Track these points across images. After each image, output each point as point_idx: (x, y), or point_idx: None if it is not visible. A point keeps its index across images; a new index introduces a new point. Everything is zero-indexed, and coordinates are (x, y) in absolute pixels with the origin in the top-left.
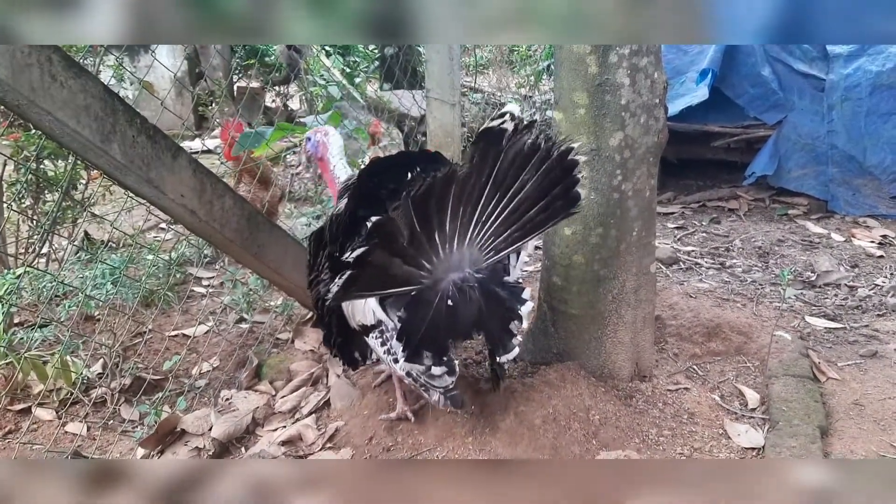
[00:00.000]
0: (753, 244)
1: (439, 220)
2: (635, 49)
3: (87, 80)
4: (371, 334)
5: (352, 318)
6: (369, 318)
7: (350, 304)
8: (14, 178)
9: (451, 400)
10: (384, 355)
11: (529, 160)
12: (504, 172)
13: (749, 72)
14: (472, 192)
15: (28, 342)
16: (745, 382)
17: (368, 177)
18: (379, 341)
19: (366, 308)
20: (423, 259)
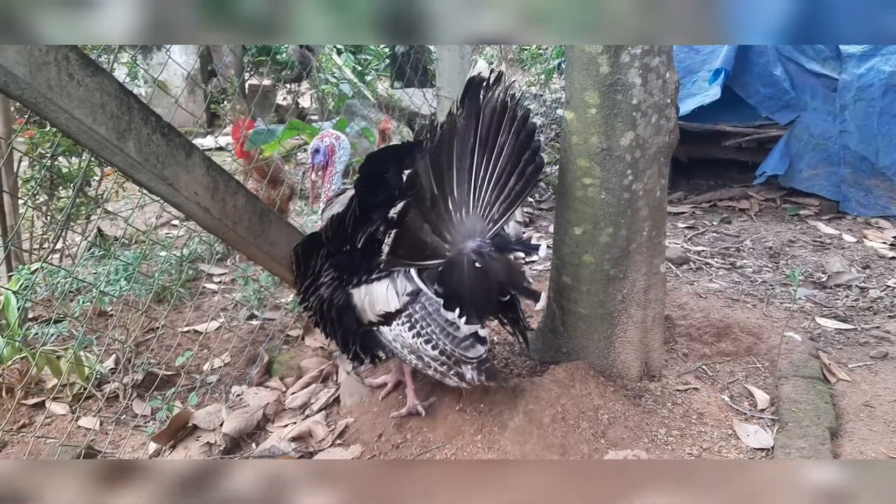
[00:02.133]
0: (764, 244)
1: (449, 180)
2: (647, 49)
3: (103, 78)
4: (394, 322)
5: (369, 310)
6: (392, 304)
7: (367, 296)
8: (29, 175)
9: (486, 372)
10: (413, 340)
11: (503, 119)
12: (486, 131)
13: (761, 71)
14: (465, 151)
15: (42, 337)
16: (754, 383)
17: (370, 171)
18: (406, 326)
19: (388, 294)
20: (444, 229)
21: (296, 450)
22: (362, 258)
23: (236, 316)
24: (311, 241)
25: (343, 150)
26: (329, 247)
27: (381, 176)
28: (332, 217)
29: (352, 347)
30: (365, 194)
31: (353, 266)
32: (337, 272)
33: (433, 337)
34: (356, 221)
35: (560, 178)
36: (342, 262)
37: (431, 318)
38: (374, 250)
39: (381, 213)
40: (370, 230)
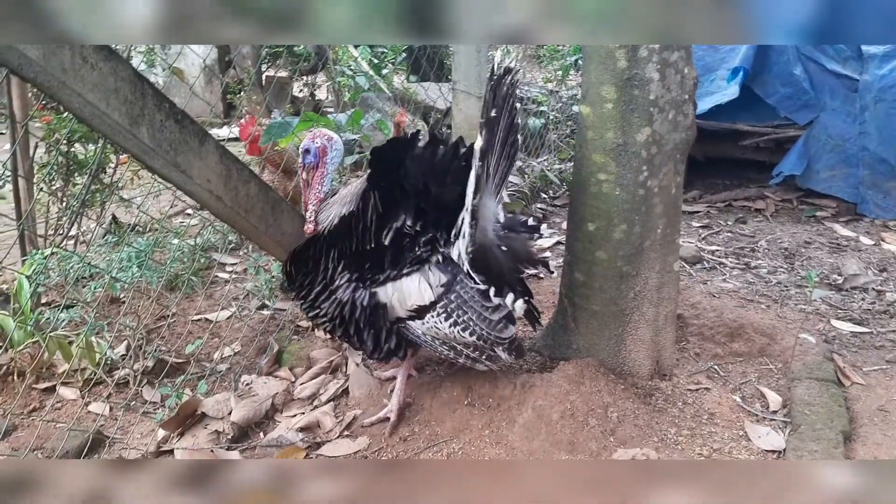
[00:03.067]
0: (779, 245)
1: (492, 163)
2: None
3: (118, 63)
4: (428, 314)
5: (398, 306)
6: (427, 297)
7: (395, 293)
8: (45, 160)
9: (516, 351)
10: (450, 329)
11: (507, 103)
12: (505, 118)
13: (781, 71)
14: (496, 135)
15: (54, 322)
16: (767, 384)
17: (380, 166)
18: (443, 317)
19: (421, 288)
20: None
21: (303, 440)
22: (391, 255)
23: (247, 305)
24: (310, 248)
25: (335, 152)
26: (341, 247)
27: (392, 170)
28: (345, 217)
29: (384, 346)
30: (385, 190)
31: (378, 264)
32: (355, 273)
33: (470, 324)
34: (380, 218)
35: (574, 174)
36: (361, 261)
37: (468, 306)
38: (403, 246)
39: (405, 207)
40: (396, 225)
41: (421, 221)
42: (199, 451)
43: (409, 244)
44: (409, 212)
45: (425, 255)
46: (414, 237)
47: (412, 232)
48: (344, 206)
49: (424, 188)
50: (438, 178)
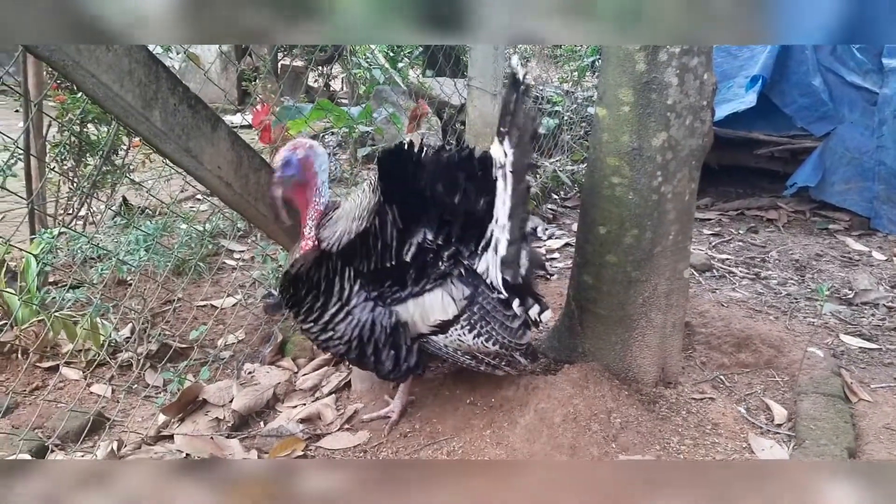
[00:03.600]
0: (790, 257)
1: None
2: (686, 48)
3: (132, 45)
4: (452, 328)
5: (420, 323)
6: (450, 311)
7: (417, 309)
8: (58, 140)
9: (532, 355)
10: (474, 341)
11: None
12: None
13: (800, 81)
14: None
15: (60, 302)
16: (772, 397)
17: (391, 179)
18: (467, 329)
19: (444, 303)
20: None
21: (303, 431)
22: (413, 271)
23: (253, 293)
24: (321, 268)
25: (321, 158)
26: (358, 266)
27: (403, 181)
28: (360, 233)
29: (402, 365)
30: (402, 204)
31: (400, 281)
32: (374, 291)
33: (493, 333)
34: (400, 233)
35: (587, 176)
36: (380, 279)
37: (491, 316)
38: (426, 261)
39: (426, 221)
40: (418, 240)
41: (443, 235)
42: (199, 438)
43: (432, 259)
44: (429, 225)
45: (448, 270)
46: (437, 252)
47: (434, 246)
48: (354, 222)
49: (443, 199)
50: (454, 187)
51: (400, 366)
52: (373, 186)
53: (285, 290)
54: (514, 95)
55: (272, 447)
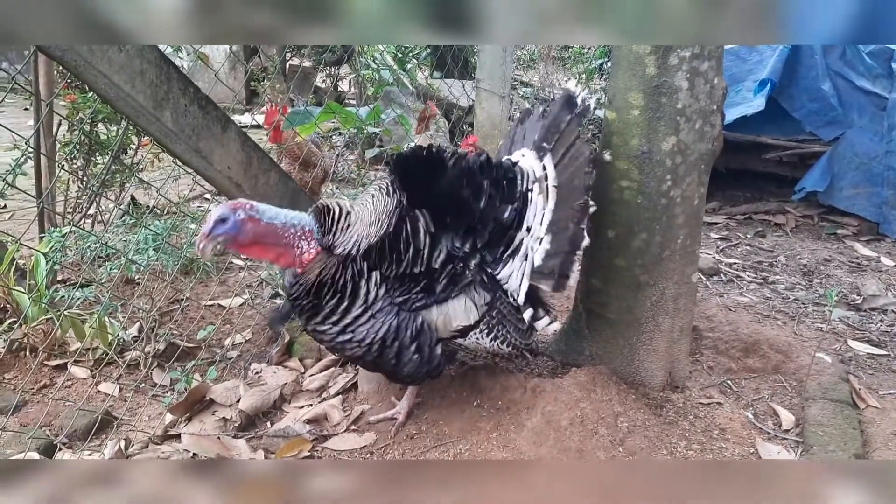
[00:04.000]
0: (798, 261)
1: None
2: (696, 52)
3: (144, 45)
4: (472, 332)
5: (442, 328)
6: (472, 317)
7: (441, 315)
8: (67, 139)
9: (535, 352)
10: (491, 344)
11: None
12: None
13: (809, 85)
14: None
15: (69, 300)
16: (780, 402)
17: (411, 183)
18: (485, 333)
19: (467, 308)
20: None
21: (310, 432)
22: (440, 277)
23: (260, 294)
24: (346, 271)
25: (263, 211)
26: (385, 270)
27: (424, 186)
28: (387, 237)
29: (423, 368)
30: (431, 209)
31: (427, 287)
32: (399, 296)
33: (508, 336)
34: (432, 239)
35: (596, 179)
36: (407, 284)
37: (507, 320)
38: (454, 269)
39: (454, 227)
40: (447, 247)
41: (469, 241)
42: (206, 438)
43: (460, 268)
44: (456, 231)
45: (473, 277)
46: (464, 259)
47: (461, 253)
48: (372, 226)
49: (469, 205)
50: (479, 193)
51: (421, 368)
52: (387, 189)
53: (303, 298)
54: (569, 116)
55: (279, 447)
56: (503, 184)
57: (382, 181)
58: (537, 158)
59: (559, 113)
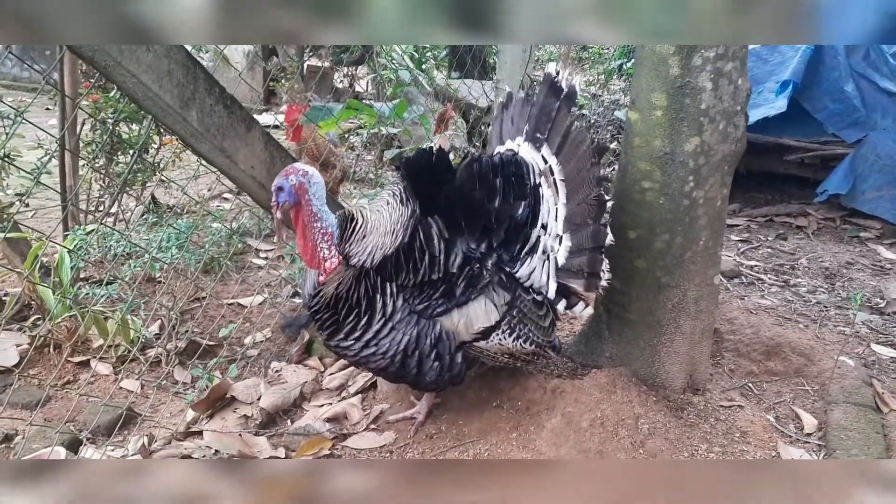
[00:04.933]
0: (820, 264)
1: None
2: (721, 52)
3: (172, 45)
4: (493, 333)
5: (464, 332)
6: (493, 318)
7: (462, 319)
8: (91, 138)
9: (559, 349)
10: (514, 344)
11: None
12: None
13: (832, 86)
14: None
15: (92, 297)
16: (802, 406)
17: (423, 189)
18: (507, 332)
19: (487, 310)
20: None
21: (330, 430)
22: (458, 281)
23: (280, 292)
24: (360, 286)
25: (315, 185)
26: (402, 280)
27: (436, 190)
28: (402, 247)
29: (445, 375)
30: (443, 214)
31: (446, 292)
32: (418, 304)
33: (530, 335)
34: (447, 244)
35: (618, 180)
36: (425, 292)
37: (528, 318)
38: (472, 271)
39: (469, 229)
40: (463, 250)
41: (485, 242)
42: (228, 435)
43: (477, 269)
44: (471, 233)
45: (491, 277)
46: (481, 260)
47: (478, 255)
48: (387, 237)
49: (483, 205)
50: (492, 192)
51: (443, 376)
52: (400, 197)
53: (323, 311)
54: (556, 103)
55: (299, 445)
56: (513, 180)
57: (396, 187)
58: (534, 149)
59: (545, 99)
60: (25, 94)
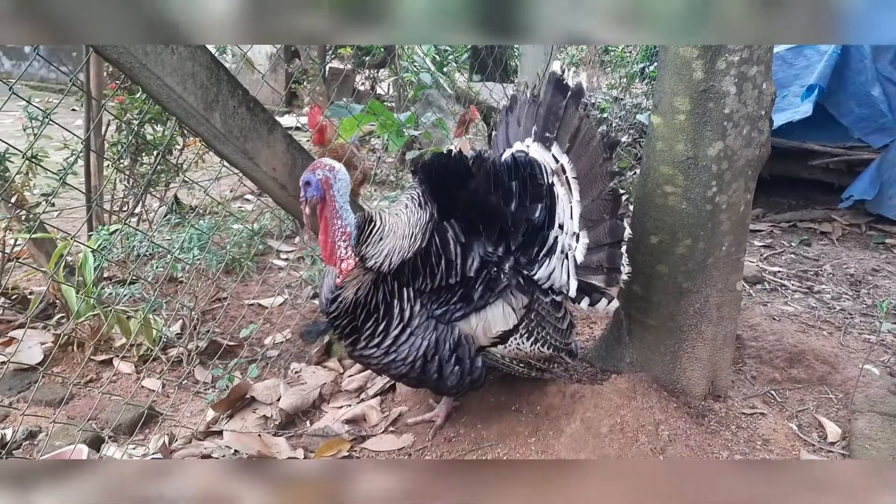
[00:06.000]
0: (845, 271)
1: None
2: (745, 57)
3: (196, 48)
4: (511, 337)
5: (482, 336)
6: (511, 321)
7: (480, 323)
8: (115, 139)
9: (575, 354)
10: (532, 347)
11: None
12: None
13: (858, 91)
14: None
15: (115, 297)
16: (825, 414)
17: (440, 193)
18: (525, 336)
19: (505, 313)
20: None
21: (349, 432)
22: (476, 285)
23: (300, 294)
24: (378, 292)
25: (340, 181)
26: (420, 285)
27: (453, 194)
28: (420, 252)
29: (466, 379)
30: (460, 218)
31: (464, 297)
32: (437, 309)
33: (548, 338)
34: (463, 249)
35: (640, 185)
36: (443, 296)
37: (545, 321)
38: (490, 275)
39: (486, 233)
40: (480, 253)
41: (502, 245)
42: (247, 435)
43: (495, 273)
44: (488, 236)
45: (508, 280)
46: (498, 263)
47: (495, 258)
48: (405, 240)
49: (499, 208)
50: (508, 195)
51: (463, 380)
52: (419, 201)
53: (342, 317)
54: (563, 101)
55: (318, 447)
56: (528, 182)
57: (413, 191)
58: (544, 149)
59: (552, 99)
60: (52, 94)
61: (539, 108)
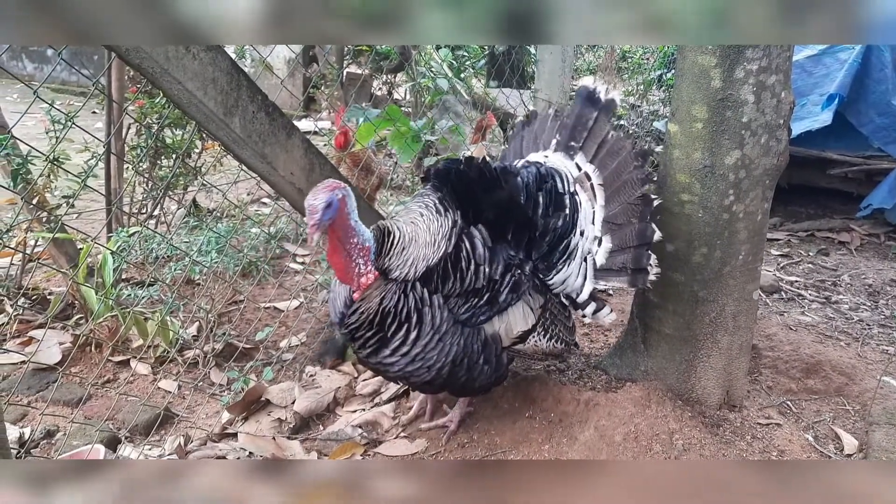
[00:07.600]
0: (863, 281)
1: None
2: (764, 66)
3: (217, 53)
4: (530, 336)
5: (504, 337)
6: (530, 321)
7: (502, 325)
8: (135, 143)
9: (575, 345)
10: (547, 344)
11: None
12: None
13: (878, 100)
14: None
15: (133, 298)
16: (842, 426)
17: (464, 198)
18: (541, 334)
19: (525, 313)
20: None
21: (362, 436)
22: (501, 288)
23: (316, 297)
24: (408, 299)
25: (352, 199)
26: (448, 290)
27: (475, 199)
28: (448, 258)
29: (493, 378)
30: (486, 223)
31: (490, 300)
32: (463, 313)
33: (560, 334)
34: (490, 253)
35: (656, 193)
36: (470, 300)
37: (558, 319)
38: (513, 278)
39: (512, 237)
40: (504, 257)
41: (523, 250)
42: (262, 437)
43: (518, 275)
44: (518, 244)
45: (527, 282)
46: (519, 265)
47: (517, 261)
48: (428, 248)
49: (523, 214)
50: (535, 207)
51: (491, 378)
52: (436, 208)
53: (365, 329)
54: (595, 113)
55: (332, 450)
56: (552, 192)
57: (427, 197)
58: (567, 157)
59: (582, 110)
60: (73, 97)
61: (564, 120)
